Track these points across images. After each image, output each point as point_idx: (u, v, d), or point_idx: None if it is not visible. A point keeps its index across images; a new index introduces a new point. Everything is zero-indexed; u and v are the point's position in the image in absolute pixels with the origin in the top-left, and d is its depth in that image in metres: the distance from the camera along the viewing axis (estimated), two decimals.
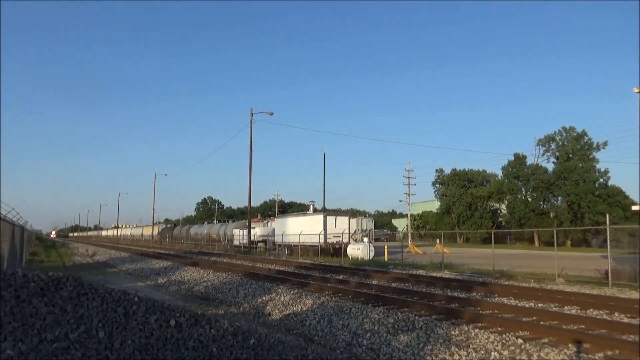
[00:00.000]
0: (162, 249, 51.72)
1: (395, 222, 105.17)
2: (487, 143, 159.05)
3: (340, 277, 18.43)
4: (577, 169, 54.26)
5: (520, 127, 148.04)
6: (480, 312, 10.43)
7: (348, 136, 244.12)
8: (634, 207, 24.71)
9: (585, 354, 7.30)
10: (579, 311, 10.99)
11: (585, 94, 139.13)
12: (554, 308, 11.44)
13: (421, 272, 21.02)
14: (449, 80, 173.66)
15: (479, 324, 9.22)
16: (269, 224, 46.32)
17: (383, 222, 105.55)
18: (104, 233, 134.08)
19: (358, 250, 30.48)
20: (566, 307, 11.45)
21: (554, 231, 22.63)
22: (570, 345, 7.70)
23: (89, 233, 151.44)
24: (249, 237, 41.41)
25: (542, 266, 21.90)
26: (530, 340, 7.94)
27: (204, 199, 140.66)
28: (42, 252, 40.18)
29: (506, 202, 62.77)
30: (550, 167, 59.40)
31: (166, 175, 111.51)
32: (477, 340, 8.06)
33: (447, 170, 74.97)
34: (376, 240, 51.43)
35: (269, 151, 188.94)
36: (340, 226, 33.81)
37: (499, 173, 66.83)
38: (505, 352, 7.44)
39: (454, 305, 11.40)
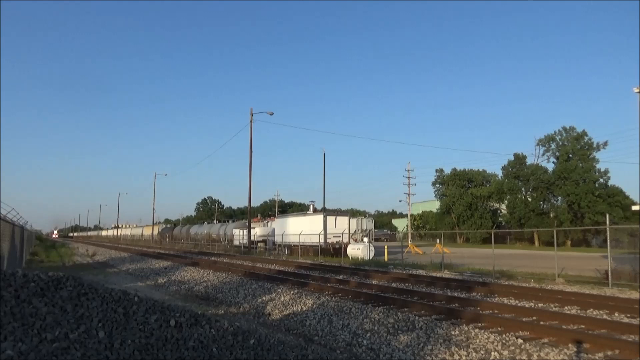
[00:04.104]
0: (162, 249, 51.71)
1: (395, 222, 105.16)
2: (487, 143, 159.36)
3: (340, 277, 18.43)
4: (577, 169, 54.24)
5: (520, 127, 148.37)
6: (480, 312, 10.43)
7: (348, 136, 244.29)
8: (634, 207, 24.70)
9: (585, 354, 7.30)
10: (579, 311, 10.99)
11: (585, 94, 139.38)
12: (554, 308, 11.44)
13: (421, 272, 21.02)
14: (449, 80, 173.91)
15: (479, 324, 9.22)
16: (269, 224, 46.31)
17: (383, 222, 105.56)
18: (104, 233, 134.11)
19: (358, 250, 30.47)
20: (566, 307, 11.45)
21: (554, 231, 22.62)
22: (570, 345, 7.70)
23: (89, 233, 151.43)
24: (249, 237, 41.40)
25: (542, 266, 21.89)
26: (530, 340, 7.94)
27: (204, 199, 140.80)
28: (42, 252, 40.18)
29: (506, 202, 62.75)
30: (550, 167, 59.49)
31: (166, 175, 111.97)
32: (477, 340, 8.06)
33: (447, 170, 75.07)
34: (376, 240, 51.41)
35: (269, 151, 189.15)
36: (340, 226, 33.80)
37: (499, 173, 66.94)
38: (505, 352, 7.44)
39: (454, 305, 11.40)
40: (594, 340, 7.71)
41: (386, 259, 30.12)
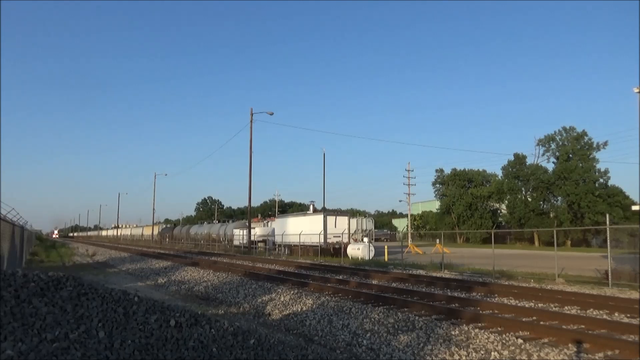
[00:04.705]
0: (162, 249, 51.71)
1: (395, 222, 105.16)
2: (487, 143, 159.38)
3: (340, 277, 18.43)
4: (577, 169, 54.23)
5: (520, 127, 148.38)
6: (480, 312, 10.43)
7: (348, 136, 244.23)
8: (634, 207, 24.71)
9: (585, 354, 7.30)
10: (579, 311, 10.99)
11: (585, 94, 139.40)
12: (554, 308, 11.43)
13: (421, 272, 21.01)
14: (449, 80, 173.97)
15: (479, 324, 9.22)
16: (269, 224, 46.30)
17: (383, 222, 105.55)
18: (104, 233, 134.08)
19: (358, 250, 30.47)
20: (566, 307, 11.45)
21: (554, 231, 22.60)
22: (570, 345, 7.70)
23: (89, 233, 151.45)
24: (249, 237, 41.40)
25: (542, 266, 21.89)
26: (530, 340, 7.94)
27: (204, 199, 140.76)
28: (42, 252, 40.18)
29: (506, 202, 62.75)
30: (550, 167, 59.47)
31: (166, 175, 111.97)
32: (477, 340, 8.05)
33: (447, 170, 75.08)
34: (376, 240, 51.41)
35: (269, 151, 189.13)
36: (340, 226, 33.79)
37: (499, 173, 66.92)
38: (505, 352, 7.44)
39: (454, 305, 11.40)
40: (594, 340, 7.71)
41: (386, 259, 30.12)
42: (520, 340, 7.83)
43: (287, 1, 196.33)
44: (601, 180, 54.79)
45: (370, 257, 29.54)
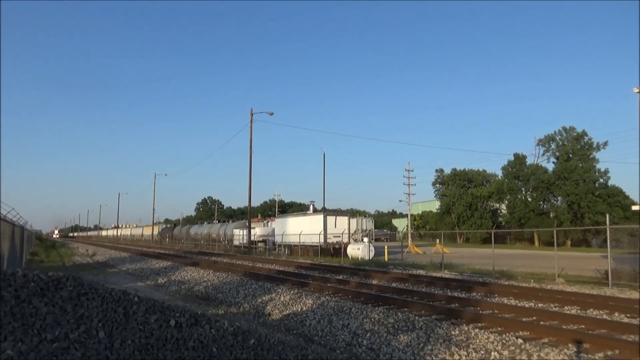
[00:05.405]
0: (162, 249, 51.70)
1: (395, 222, 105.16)
2: (487, 143, 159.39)
3: (340, 277, 18.43)
4: (577, 169, 54.23)
5: (520, 127, 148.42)
6: (480, 312, 10.43)
7: (348, 136, 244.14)
8: (634, 207, 24.70)
9: (585, 354, 7.30)
10: (579, 311, 10.99)
11: (585, 94, 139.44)
12: (554, 308, 11.44)
13: (421, 272, 21.01)
14: (449, 80, 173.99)
15: (479, 324, 9.21)
16: (269, 224, 46.30)
17: (383, 222, 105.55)
18: (104, 233, 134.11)
19: (358, 250, 30.47)
20: (566, 307, 11.45)
21: (554, 231, 22.60)
22: (570, 345, 7.70)
23: (89, 233, 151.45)
24: (249, 237, 41.39)
25: (542, 266, 21.89)
26: (530, 340, 7.94)
27: (204, 199, 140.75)
28: (42, 252, 40.17)
29: (506, 202, 62.76)
30: (550, 167, 59.48)
31: (166, 175, 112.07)
32: (477, 340, 8.05)
33: (447, 170, 75.09)
34: (376, 240, 51.39)
35: (269, 151, 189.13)
36: (340, 226, 33.79)
37: (499, 173, 66.93)
38: (505, 352, 7.44)
39: (454, 305, 11.40)
40: (594, 340, 7.71)
41: (386, 259, 30.12)
42: (520, 340, 7.83)
43: (287, 1, 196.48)
44: (601, 180, 54.79)
45: (370, 257, 29.54)
